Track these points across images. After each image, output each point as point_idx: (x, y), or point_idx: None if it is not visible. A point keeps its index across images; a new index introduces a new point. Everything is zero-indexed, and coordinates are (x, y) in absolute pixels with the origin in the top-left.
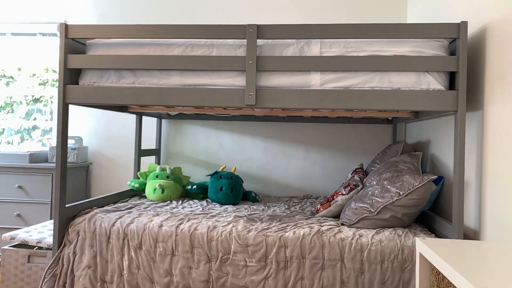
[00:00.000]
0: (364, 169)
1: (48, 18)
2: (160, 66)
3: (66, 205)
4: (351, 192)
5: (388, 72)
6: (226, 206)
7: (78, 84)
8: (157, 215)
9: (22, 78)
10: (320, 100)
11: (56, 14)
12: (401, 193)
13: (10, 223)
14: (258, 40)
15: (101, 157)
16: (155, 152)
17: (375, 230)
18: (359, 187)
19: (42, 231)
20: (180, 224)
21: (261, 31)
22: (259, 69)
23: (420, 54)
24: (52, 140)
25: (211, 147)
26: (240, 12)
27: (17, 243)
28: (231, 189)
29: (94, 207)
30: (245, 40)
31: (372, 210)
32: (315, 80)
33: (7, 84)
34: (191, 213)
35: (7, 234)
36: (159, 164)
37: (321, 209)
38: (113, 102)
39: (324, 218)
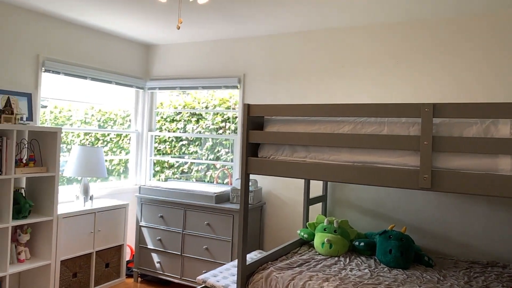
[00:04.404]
0: None
1: (231, 73)
2: (331, 143)
3: (247, 264)
4: None
5: None
6: (396, 272)
7: (257, 154)
8: (327, 280)
9: (209, 116)
10: (511, 187)
11: (237, 70)
12: None
13: (200, 255)
14: (434, 118)
15: (273, 197)
16: (322, 199)
17: None
18: None
19: (227, 276)
20: None
21: (437, 110)
22: (436, 149)
23: None
24: (230, 170)
25: (378, 196)
26: (410, 58)
27: (207, 286)
28: (401, 253)
29: (269, 262)
30: (419, 118)
31: None
32: (505, 165)
33: (197, 121)
34: (359, 281)
35: (201, 277)
36: (325, 212)
37: None
38: (287, 175)
39: None
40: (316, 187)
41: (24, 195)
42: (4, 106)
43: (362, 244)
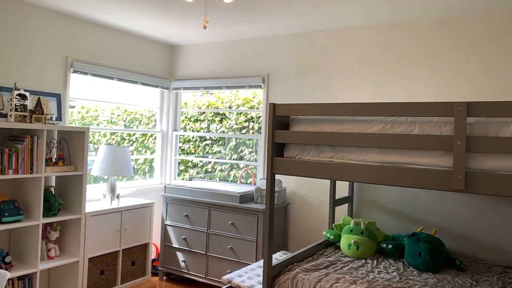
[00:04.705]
0: None
1: (255, 73)
2: (359, 143)
3: (272, 264)
4: None
5: None
6: (426, 276)
7: (283, 154)
8: (354, 283)
9: (233, 116)
10: None
11: (260, 69)
12: None
13: (225, 254)
14: (468, 117)
15: (298, 197)
16: (348, 200)
17: None
18: None
19: (252, 277)
20: None
21: (472, 109)
22: (470, 150)
23: None
24: (254, 169)
25: (406, 197)
26: (439, 56)
27: (233, 286)
28: (430, 256)
29: (295, 264)
30: (452, 117)
31: None
32: None
33: (220, 121)
34: (388, 285)
35: (226, 277)
36: (351, 213)
37: None
38: (313, 176)
39: None
40: (342, 188)
41: (53, 193)
42: (35, 107)
43: (390, 246)
